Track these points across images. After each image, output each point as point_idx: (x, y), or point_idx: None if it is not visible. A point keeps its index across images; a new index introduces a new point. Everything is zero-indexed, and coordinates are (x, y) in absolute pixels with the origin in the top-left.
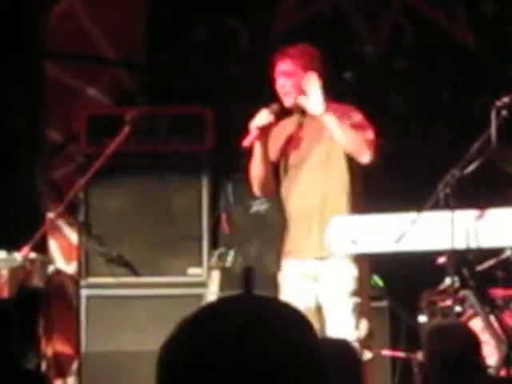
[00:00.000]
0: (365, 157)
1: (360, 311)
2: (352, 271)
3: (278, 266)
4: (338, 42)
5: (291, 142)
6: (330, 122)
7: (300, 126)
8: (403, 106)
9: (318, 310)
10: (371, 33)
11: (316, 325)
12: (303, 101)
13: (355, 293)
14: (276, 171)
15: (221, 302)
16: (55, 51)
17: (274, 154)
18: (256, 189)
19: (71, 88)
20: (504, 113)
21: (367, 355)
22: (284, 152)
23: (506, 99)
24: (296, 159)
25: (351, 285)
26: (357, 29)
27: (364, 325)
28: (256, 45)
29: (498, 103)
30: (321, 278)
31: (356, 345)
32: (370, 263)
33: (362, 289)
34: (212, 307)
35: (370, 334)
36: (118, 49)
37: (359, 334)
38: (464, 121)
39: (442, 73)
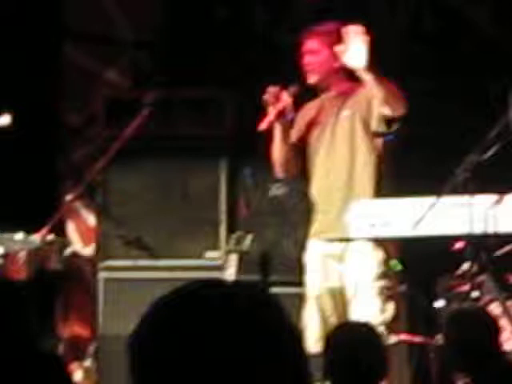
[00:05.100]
0: (401, 108)
1: (387, 295)
2: (379, 254)
3: (299, 248)
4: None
5: (315, 123)
6: (372, 73)
7: (324, 106)
8: (421, 90)
9: (342, 290)
10: (390, 14)
11: (340, 305)
12: (341, 51)
13: (382, 276)
14: (300, 155)
15: (191, 288)
16: (76, 32)
17: (297, 138)
18: (278, 170)
19: (90, 70)
20: None
21: (392, 339)
22: (309, 135)
23: None
24: (319, 141)
25: (377, 268)
26: (374, 11)
27: (390, 308)
28: (275, 27)
29: None
30: (347, 260)
31: (381, 328)
32: (396, 246)
33: (390, 272)
34: (183, 294)
35: (396, 318)
36: (138, 31)
37: (384, 317)
38: (483, 105)
39: (459, 56)
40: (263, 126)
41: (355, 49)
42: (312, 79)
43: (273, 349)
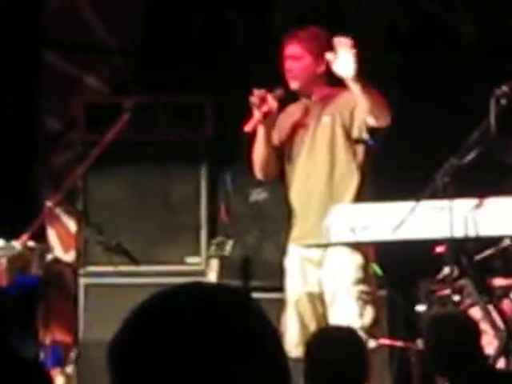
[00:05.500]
0: (386, 119)
1: (365, 299)
2: (357, 259)
3: (280, 253)
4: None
5: (296, 128)
6: (359, 83)
7: (305, 111)
8: (398, 94)
9: (321, 295)
10: (368, 23)
11: (319, 310)
12: (331, 59)
13: (360, 280)
14: (280, 157)
15: (172, 292)
16: (55, 40)
17: (278, 140)
18: (257, 172)
19: (70, 76)
20: (503, 102)
21: (372, 344)
22: (289, 138)
23: (504, 88)
24: (300, 145)
25: (356, 272)
26: (352, 19)
27: (369, 313)
28: (253, 34)
29: (498, 92)
30: (325, 264)
31: (361, 333)
32: (375, 250)
33: (369, 276)
34: (163, 297)
35: (375, 323)
36: (117, 37)
37: (363, 322)
38: (464, 110)
39: (439, 62)
40: (248, 128)
41: (344, 59)
42: (293, 85)
43: (253, 349)
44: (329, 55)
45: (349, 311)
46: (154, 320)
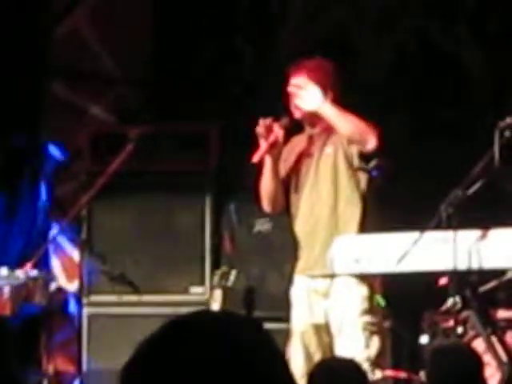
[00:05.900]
0: (371, 143)
1: (371, 330)
2: (363, 290)
3: (284, 284)
4: (343, 64)
5: (301, 158)
6: (330, 111)
7: (310, 140)
8: (406, 124)
9: (328, 326)
10: (376, 55)
11: (325, 341)
12: (299, 103)
13: (366, 311)
14: (287, 189)
15: (182, 321)
16: (60, 69)
17: (284, 172)
18: (265, 205)
19: (76, 106)
20: (507, 133)
21: (377, 374)
22: (294, 169)
23: (509, 120)
24: (304, 176)
25: (362, 303)
26: (360, 50)
27: (375, 344)
28: (261, 63)
29: (502, 124)
30: (331, 295)
31: (366, 364)
32: (380, 282)
33: (375, 307)
34: (174, 327)
35: (381, 354)
36: (123, 67)
37: (369, 353)
38: (468, 141)
39: (445, 93)
40: (256, 158)
41: (306, 95)
42: (298, 114)
43: (265, 376)
44: (297, 101)
45: (355, 342)
46: (165, 349)
